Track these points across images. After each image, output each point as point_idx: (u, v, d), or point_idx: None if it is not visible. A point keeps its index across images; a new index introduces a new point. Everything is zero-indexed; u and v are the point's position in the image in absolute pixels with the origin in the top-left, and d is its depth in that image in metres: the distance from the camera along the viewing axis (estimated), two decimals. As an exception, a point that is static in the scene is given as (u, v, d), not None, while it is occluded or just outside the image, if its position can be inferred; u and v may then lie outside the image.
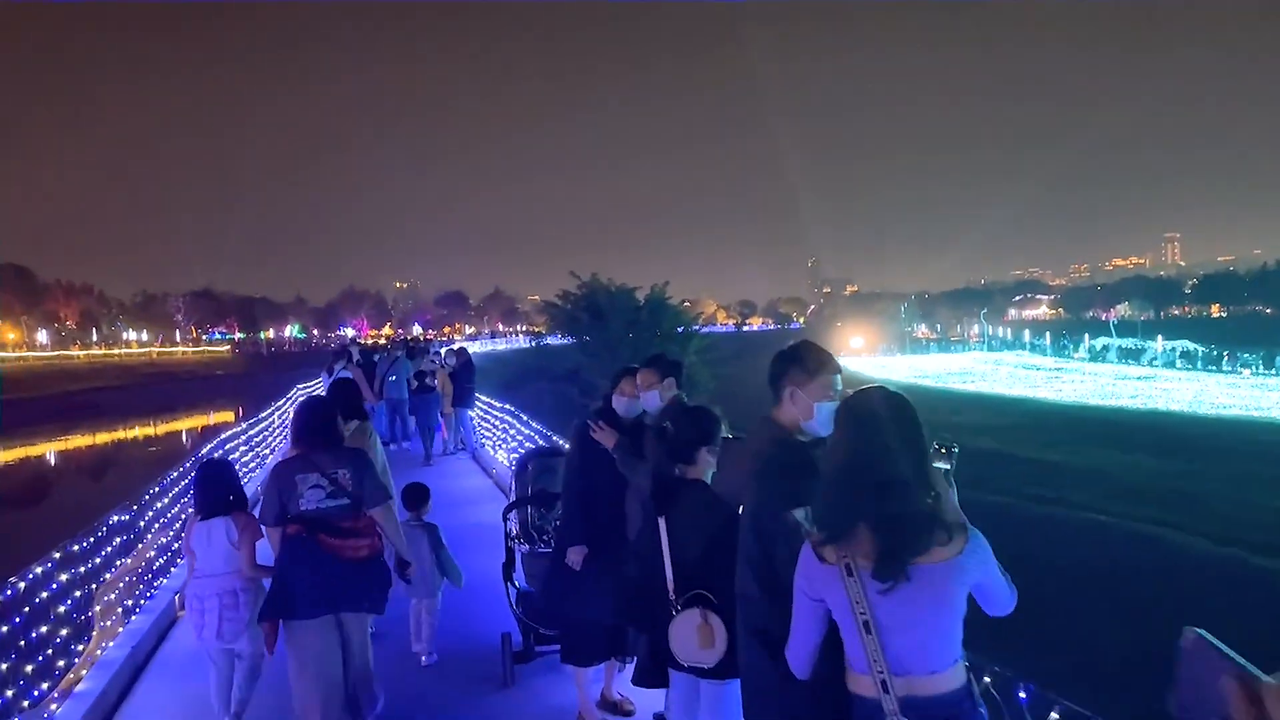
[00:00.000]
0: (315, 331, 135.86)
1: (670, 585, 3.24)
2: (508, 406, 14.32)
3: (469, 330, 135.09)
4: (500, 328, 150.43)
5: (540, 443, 11.34)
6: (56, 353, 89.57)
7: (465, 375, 15.47)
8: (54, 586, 5.79)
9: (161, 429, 49.90)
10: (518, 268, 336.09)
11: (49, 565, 5.84)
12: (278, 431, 17.30)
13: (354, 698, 4.47)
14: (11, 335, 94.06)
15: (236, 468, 6.68)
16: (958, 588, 2.22)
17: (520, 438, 12.84)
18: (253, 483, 11.95)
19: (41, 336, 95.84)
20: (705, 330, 42.44)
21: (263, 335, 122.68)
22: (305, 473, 4.30)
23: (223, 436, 13.48)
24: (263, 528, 4.50)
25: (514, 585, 5.80)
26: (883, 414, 2.33)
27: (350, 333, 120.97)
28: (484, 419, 16.45)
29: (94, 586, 6.36)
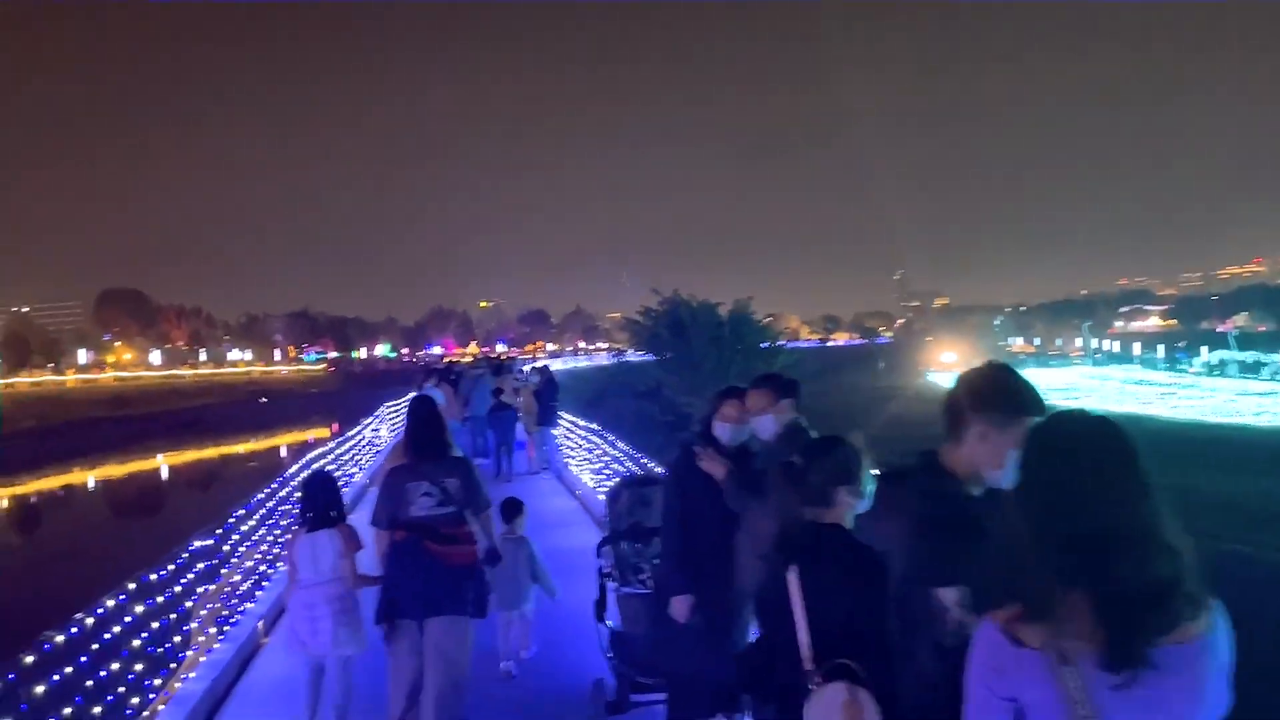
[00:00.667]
0: (405, 350, 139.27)
1: (806, 652, 2.69)
2: (593, 425, 13.94)
3: (550, 348, 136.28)
4: (581, 345, 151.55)
5: (630, 467, 10.85)
6: (168, 371, 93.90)
7: (549, 393, 15.20)
8: (128, 620, 5.61)
9: (260, 445, 51.45)
10: (598, 286, 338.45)
11: (122, 599, 5.63)
12: (367, 449, 17.38)
13: (436, 707, 4.42)
14: (128, 355, 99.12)
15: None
16: (1215, 676, 1.65)
17: (606, 458, 12.41)
18: (345, 497, 11.98)
19: (155, 357, 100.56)
20: (789, 346, 41.61)
21: (355, 354, 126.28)
22: (415, 481, 4.49)
23: (313, 454, 13.47)
24: (373, 529, 4.64)
25: (606, 625, 5.32)
26: (1097, 446, 1.76)
27: (438, 351, 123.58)
28: (568, 437, 16.14)
29: (173, 616, 6.20)
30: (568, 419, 16.16)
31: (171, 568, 6.59)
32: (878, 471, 2.96)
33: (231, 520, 8.11)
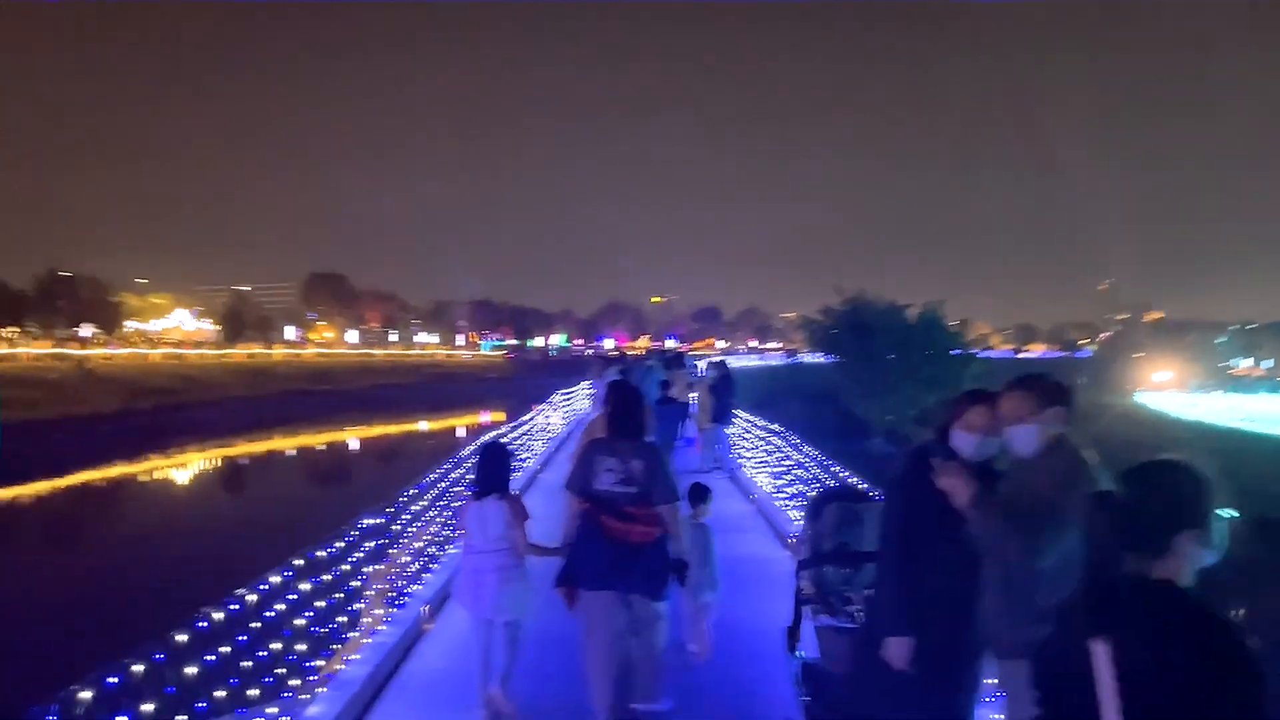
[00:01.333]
0: (579, 341, 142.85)
1: None
2: (774, 426, 13.14)
3: (721, 345, 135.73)
4: (753, 344, 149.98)
5: (817, 474, 9.96)
6: (362, 350, 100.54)
7: (724, 389, 14.52)
8: (292, 597, 5.46)
9: (439, 424, 53.79)
10: (772, 285, 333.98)
11: (288, 574, 5.47)
12: (539, 434, 17.37)
13: (633, 681, 4.57)
14: (329, 334, 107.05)
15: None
16: None
17: (788, 462, 11.60)
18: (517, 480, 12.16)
19: (351, 336, 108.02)
20: (980, 355, 39.00)
21: (531, 343, 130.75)
22: (605, 455, 4.60)
23: (485, 438, 13.44)
24: (566, 493, 4.81)
25: (799, 657, 4.58)
26: None
27: (609, 344, 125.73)
28: (743, 437, 15.42)
29: (339, 595, 6.09)
30: (744, 417, 15.43)
31: (340, 544, 6.46)
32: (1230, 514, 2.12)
33: (402, 499, 7.95)
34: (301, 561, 5.64)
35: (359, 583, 6.42)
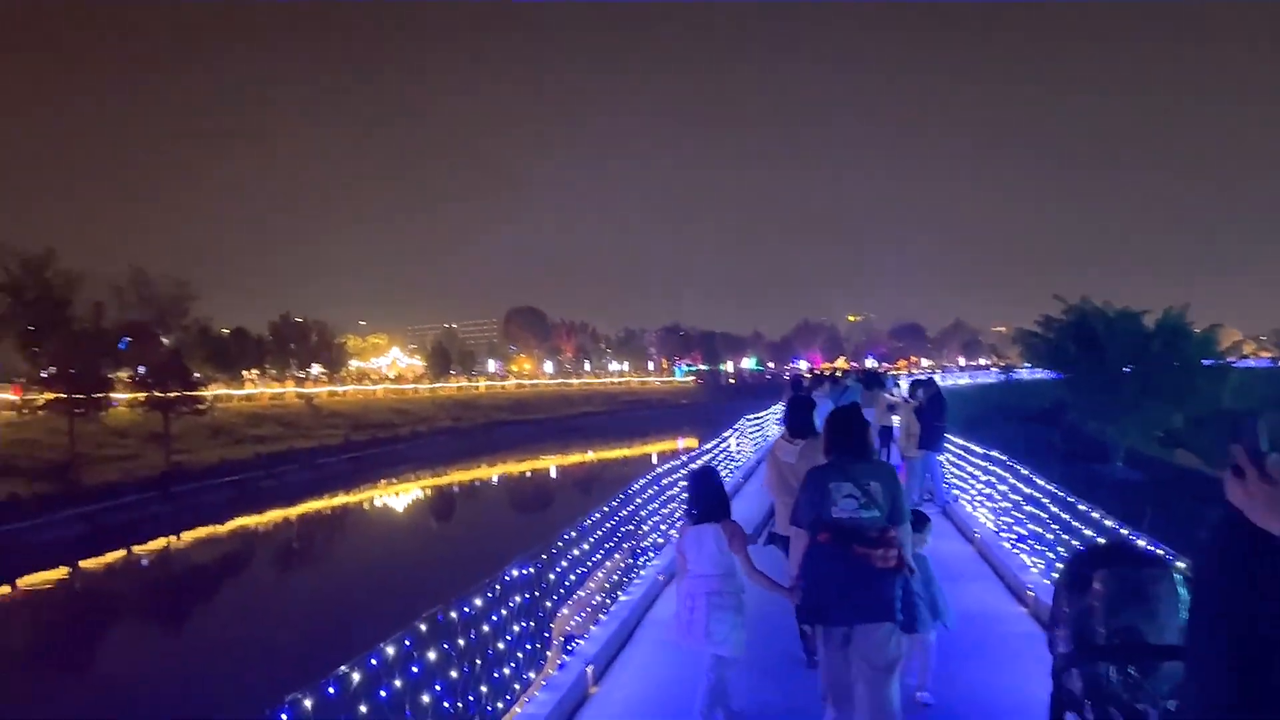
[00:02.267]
0: (770, 364, 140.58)
1: None
2: (994, 453, 11.38)
3: (925, 364, 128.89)
4: (960, 361, 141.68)
5: (1058, 513, 8.25)
6: (558, 380, 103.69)
7: (934, 411, 12.85)
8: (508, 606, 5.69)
9: (633, 451, 53.94)
10: (979, 297, 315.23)
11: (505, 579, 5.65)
12: (722, 459, 16.36)
13: None
14: (527, 365, 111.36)
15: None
16: None
17: (1017, 497, 9.88)
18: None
19: (548, 367, 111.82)
20: (1236, 364, 33.97)
21: (722, 367, 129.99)
22: (839, 481, 4.35)
23: (680, 460, 12.67)
24: (792, 529, 4.60)
25: None
26: None
27: (803, 365, 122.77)
28: (956, 466, 13.66)
29: (548, 604, 6.38)
30: (957, 443, 13.66)
31: (529, 571, 6.17)
32: None
33: (588, 524, 7.70)
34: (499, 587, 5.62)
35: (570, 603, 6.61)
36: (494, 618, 5.51)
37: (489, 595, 5.41)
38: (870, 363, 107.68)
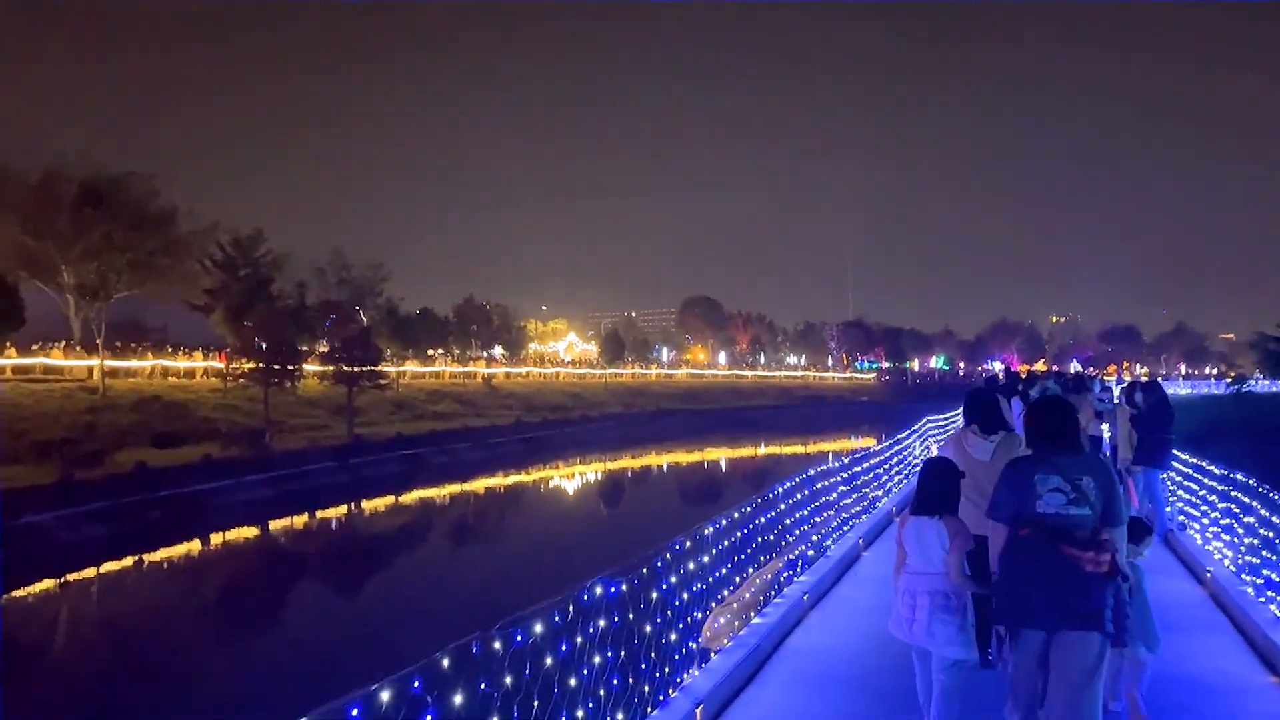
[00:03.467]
0: (961, 364, 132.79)
1: None
2: (1237, 476, 9.08)
3: (1140, 370, 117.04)
4: (1183, 369, 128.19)
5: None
6: (731, 372, 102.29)
7: (1158, 420, 10.59)
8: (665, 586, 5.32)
9: (808, 448, 51.92)
10: (1205, 303, 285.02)
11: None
12: (897, 469, 14.57)
13: None
14: (702, 356, 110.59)
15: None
16: None
17: (1268, 531, 7.68)
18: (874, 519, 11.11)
19: (721, 358, 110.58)
20: None
21: (908, 365, 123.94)
22: (1045, 474, 4.01)
23: (852, 458, 11.28)
24: (990, 524, 4.22)
25: None
26: None
27: (997, 366, 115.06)
28: (1182, 486, 11.29)
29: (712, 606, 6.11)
30: (1187, 460, 11.23)
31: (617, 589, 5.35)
32: None
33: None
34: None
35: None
36: (563, 647, 4.38)
37: (554, 618, 4.27)
38: (1075, 366, 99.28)
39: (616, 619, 4.60)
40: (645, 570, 4.82)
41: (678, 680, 5.17)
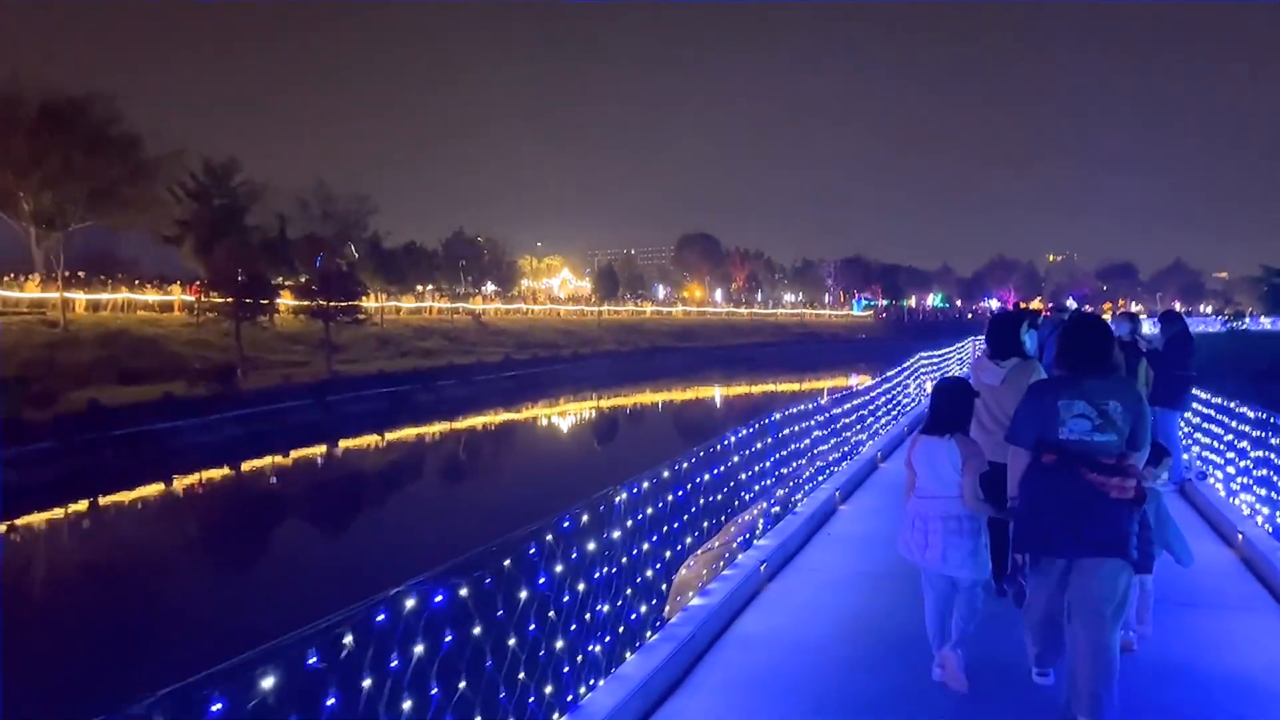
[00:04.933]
0: (959, 302, 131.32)
1: None
2: (1266, 416, 7.82)
3: (1135, 308, 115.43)
4: (1179, 307, 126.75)
5: None
6: (727, 309, 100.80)
7: (1176, 355, 9.28)
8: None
9: (804, 386, 50.88)
10: (1202, 240, 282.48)
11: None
12: (885, 406, 13.35)
13: (1079, 673, 3.81)
14: (698, 293, 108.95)
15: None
16: None
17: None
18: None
19: (718, 295, 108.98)
20: None
21: (905, 303, 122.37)
22: (1071, 399, 3.86)
23: (830, 398, 10.09)
24: (1010, 448, 4.07)
25: None
26: None
27: (994, 304, 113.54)
28: (1200, 431, 10.07)
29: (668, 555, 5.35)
30: (1209, 400, 9.95)
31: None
32: None
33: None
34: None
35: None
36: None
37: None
38: (1070, 303, 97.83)
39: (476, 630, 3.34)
40: (506, 565, 3.50)
41: (571, 698, 3.94)
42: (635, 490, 4.58)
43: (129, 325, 38.23)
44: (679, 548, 5.40)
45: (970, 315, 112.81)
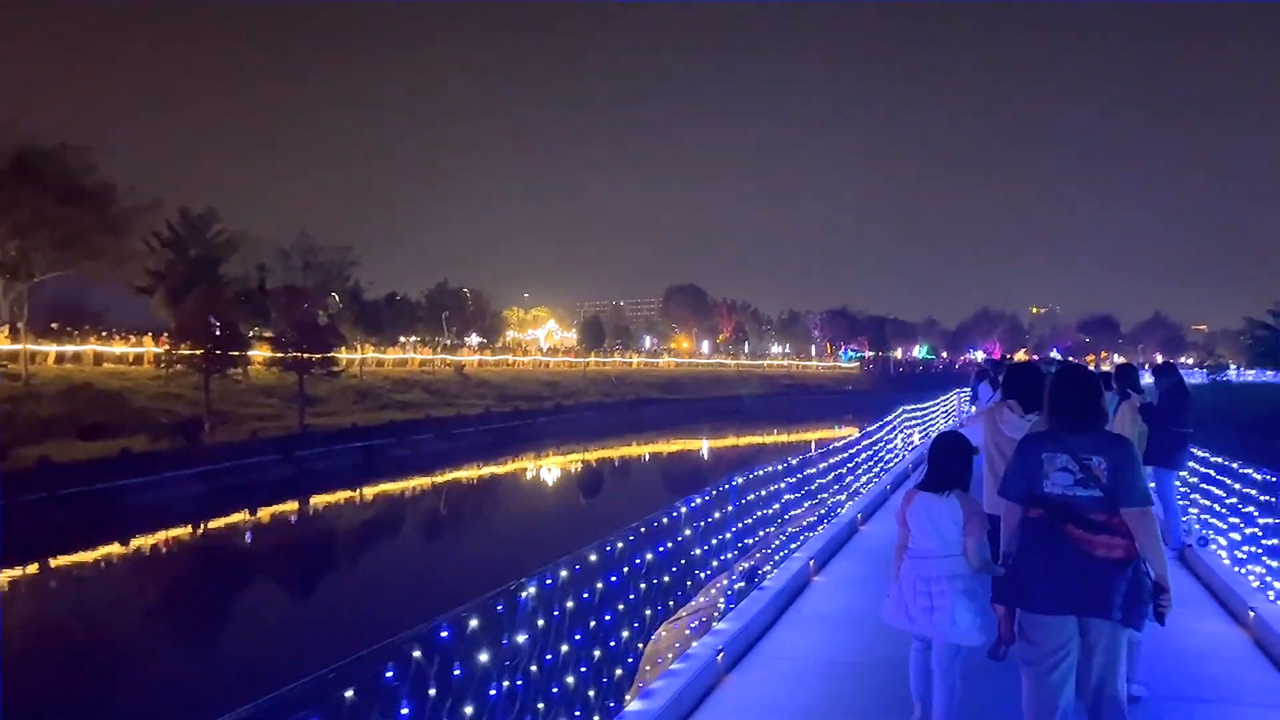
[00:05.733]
0: (944, 354, 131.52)
1: None
2: (1276, 479, 7.19)
3: (1117, 360, 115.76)
4: (1159, 359, 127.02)
5: None
6: (714, 360, 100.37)
7: (1172, 411, 8.69)
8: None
9: (789, 438, 50.21)
10: (1181, 295, 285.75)
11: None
12: (872, 461, 12.66)
13: None
14: (685, 345, 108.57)
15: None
16: None
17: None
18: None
19: (705, 346, 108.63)
20: None
21: (891, 354, 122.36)
22: (1054, 452, 3.76)
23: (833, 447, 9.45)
24: (1001, 501, 4.00)
25: None
26: None
27: (979, 355, 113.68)
28: (1203, 490, 9.42)
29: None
30: (1208, 459, 9.32)
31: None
32: None
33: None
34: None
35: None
36: None
37: None
38: (1055, 355, 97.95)
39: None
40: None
41: None
42: (550, 582, 3.86)
43: (94, 378, 37.24)
44: (611, 644, 4.64)
45: (956, 366, 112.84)
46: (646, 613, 5.14)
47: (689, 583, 5.85)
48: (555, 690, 3.96)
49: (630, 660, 5.11)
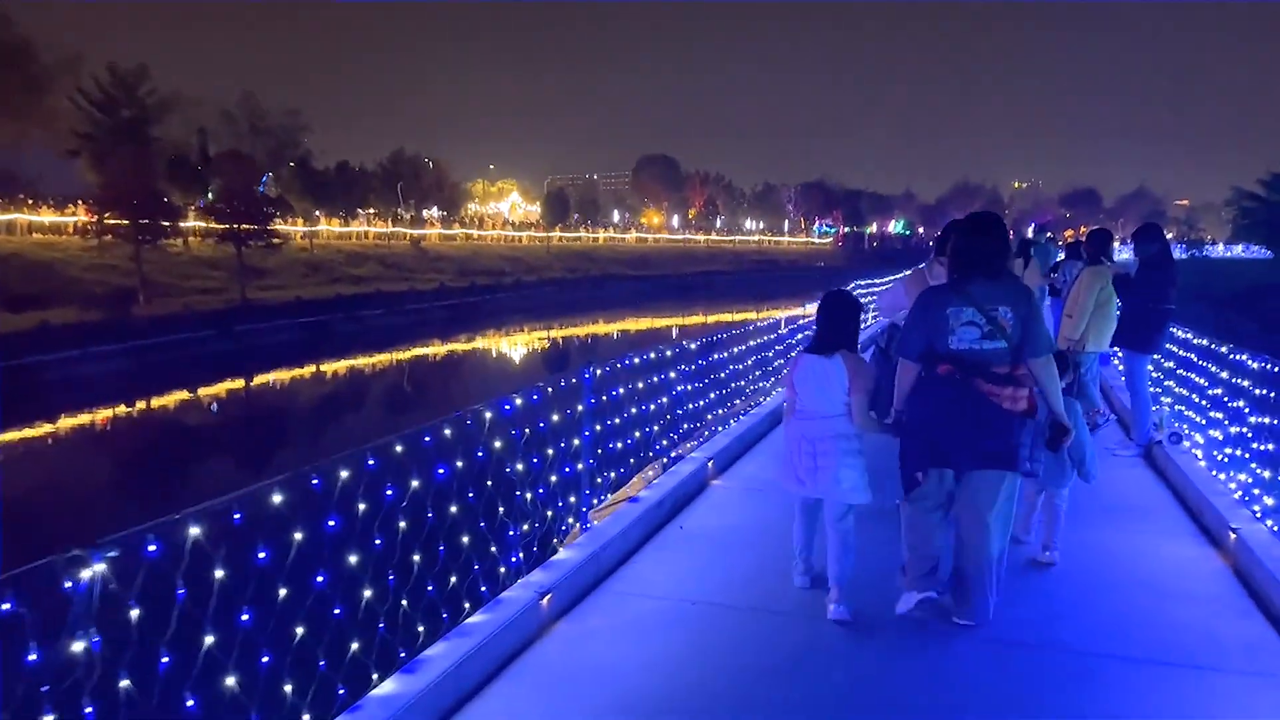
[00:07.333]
0: (920, 229, 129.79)
1: None
2: (1261, 362, 5.91)
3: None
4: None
5: None
6: (684, 236, 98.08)
7: (1152, 283, 7.31)
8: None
9: (759, 314, 48.99)
10: (1165, 170, 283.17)
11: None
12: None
13: (961, 590, 3.94)
14: (657, 220, 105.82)
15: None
16: None
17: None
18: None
19: (675, 221, 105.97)
20: None
21: (866, 230, 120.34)
22: (959, 306, 3.75)
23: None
24: (901, 360, 3.99)
25: None
26: None
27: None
28: (1183, 378, 8.20)
29: None
30: (1189, 341, 8.02)
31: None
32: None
33: None
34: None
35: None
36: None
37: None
38: (1031, 231, 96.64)
39: None
40: None
41: None
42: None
43: (24, 248, 35.05)
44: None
45: (931, 242, 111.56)
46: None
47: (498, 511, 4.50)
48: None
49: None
